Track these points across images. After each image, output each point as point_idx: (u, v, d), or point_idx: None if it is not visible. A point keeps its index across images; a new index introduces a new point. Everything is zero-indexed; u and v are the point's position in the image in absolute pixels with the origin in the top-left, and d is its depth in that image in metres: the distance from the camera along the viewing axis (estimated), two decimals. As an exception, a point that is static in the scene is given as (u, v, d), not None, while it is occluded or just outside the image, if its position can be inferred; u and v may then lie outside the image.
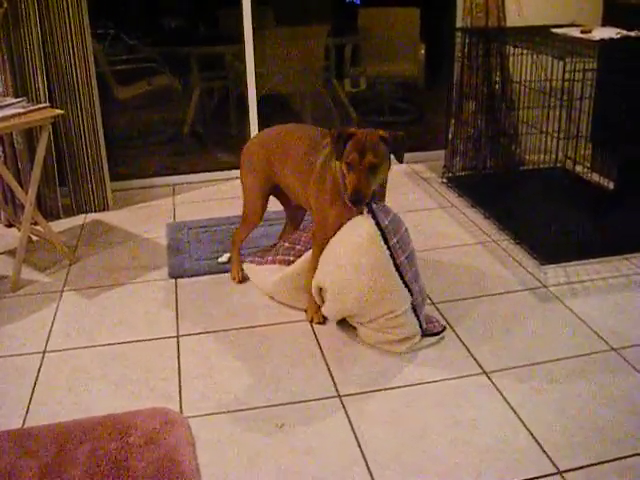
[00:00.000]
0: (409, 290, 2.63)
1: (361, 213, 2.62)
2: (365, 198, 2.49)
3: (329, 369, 2.59)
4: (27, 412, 2.39)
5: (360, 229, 2.59)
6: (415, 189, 4.43)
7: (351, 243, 2.60)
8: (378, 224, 2.57)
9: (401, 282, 2.61)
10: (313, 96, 5.84)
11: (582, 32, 3.72)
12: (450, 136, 4.51)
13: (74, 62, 3.88)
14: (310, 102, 5.89)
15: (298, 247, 3.08)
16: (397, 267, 2.59)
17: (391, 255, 2.57)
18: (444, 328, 2.79)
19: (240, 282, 3.25)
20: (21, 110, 3.20)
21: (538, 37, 3.81)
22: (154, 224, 3.98)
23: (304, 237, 3.15)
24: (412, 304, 2.65)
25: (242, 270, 3.27)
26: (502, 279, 3.23)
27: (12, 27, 3.73)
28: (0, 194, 3.92)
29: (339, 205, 2.65)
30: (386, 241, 2.57)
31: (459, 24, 4.48)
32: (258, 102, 4.65)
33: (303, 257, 2.91)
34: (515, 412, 2.32)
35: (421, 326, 2.70)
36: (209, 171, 4.71)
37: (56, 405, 2.43)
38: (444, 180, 4.52)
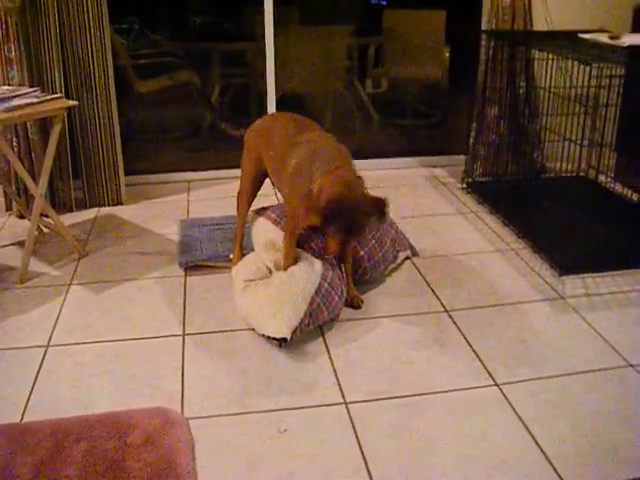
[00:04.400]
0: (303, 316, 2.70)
1: None
2: (345, 259, 2.90)
3: (336, 375, 2.52)
4: (26, 406, 2.35)
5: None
6: (434, 194, 4.35)
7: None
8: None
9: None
10: (334, 96, 5.78)
11: (610, 38, 3.64)
12: (471, 141, 4.43)
13: (91, 54, 3.84)
14: (331, 102, 5.83)
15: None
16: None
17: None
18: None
19: None
20: (34, 100, 3.16)
21: (565, 42, 3.72)
22: (167, 220, 3.94)
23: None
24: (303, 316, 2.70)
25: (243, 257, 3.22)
26: (519, 288, 3.14)
27: (30, 18, 3.70)
28: (13, 185, 3.89)
29: (312, 215, 2.63)
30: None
31: (484, 27, 4.39)
32: (278, 101, 4.60)
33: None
34: (526, 427, 2.24)
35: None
36: (226, 168, 4.66)
37: (56, 400, 2.38)
38: (464, 186, 4.43)
